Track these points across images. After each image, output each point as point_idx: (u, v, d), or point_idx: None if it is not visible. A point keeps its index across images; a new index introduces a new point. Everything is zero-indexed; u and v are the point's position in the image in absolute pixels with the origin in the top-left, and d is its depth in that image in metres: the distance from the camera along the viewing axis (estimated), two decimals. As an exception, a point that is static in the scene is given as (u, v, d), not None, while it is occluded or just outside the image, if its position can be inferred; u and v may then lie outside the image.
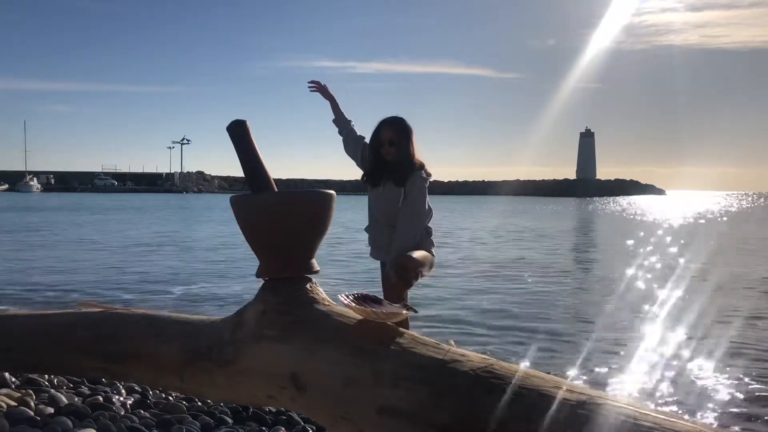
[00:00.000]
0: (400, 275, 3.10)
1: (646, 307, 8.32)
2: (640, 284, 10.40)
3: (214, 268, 12.24)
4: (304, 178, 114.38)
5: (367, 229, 3.51)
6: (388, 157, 3.29)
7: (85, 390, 3.55)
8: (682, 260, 14.00)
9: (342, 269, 11.74)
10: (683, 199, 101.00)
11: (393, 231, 3.31)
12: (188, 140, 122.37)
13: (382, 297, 2.43)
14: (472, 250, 16.28)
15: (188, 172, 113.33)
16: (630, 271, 12.17)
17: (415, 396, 1.75)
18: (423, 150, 3.46)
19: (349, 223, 20.90)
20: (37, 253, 14.34)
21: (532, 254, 15.65)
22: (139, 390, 3.65)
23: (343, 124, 3.67)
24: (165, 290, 9.41)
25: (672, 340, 6.47)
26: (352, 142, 3.62)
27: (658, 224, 30.60)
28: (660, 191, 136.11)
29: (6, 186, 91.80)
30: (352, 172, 3.81)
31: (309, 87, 3.73)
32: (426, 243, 3.36)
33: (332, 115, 3.73)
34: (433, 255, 3.38)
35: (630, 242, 19.44)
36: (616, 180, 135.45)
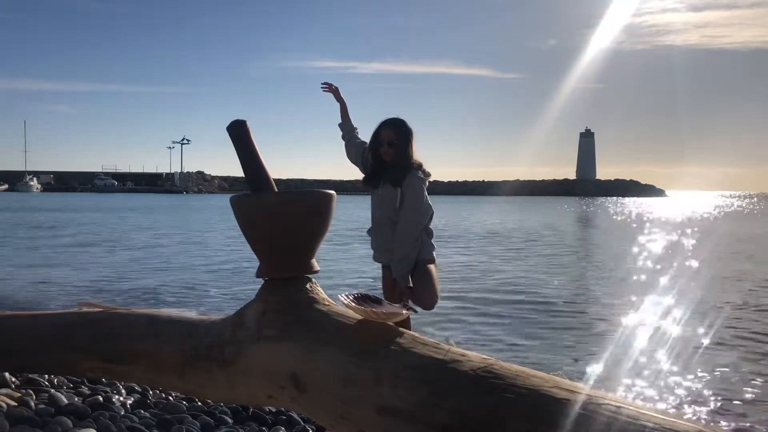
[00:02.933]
0: (429, 309, 3.34)
1: (647, 307, 8.32)
2: (641, 284, 10.40)
3: (213, 268, 12.24)
4: (304, 178, 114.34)
5: (369, 232, 3.50)
6: (386, 158, 3.30)
7: (85, 390, 3.55)
8: (681, 260, 14.01)
9: (342, 269, 11.73)
10: (683, 200, 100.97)
11: (395, 230, 3.30)
12: (188, 140, 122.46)
13: (382, 297, 2.43)
14: (471, 249, 16.29)
15: (188, 172, 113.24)
16: (630, 271, 12.18)
17: (415, 396, 1.75)
18: (423, 150, 3.47)
19: (348, 224, 20.89)
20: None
21: (530, 254, 15.65)
22: (139, 390, 3.65)
23: (348, 129, 3.70)
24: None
25: (672, 340, 6.47)
26: (354, 148, 3.65)
27: (657, 224, 30.59)
28: (660, 191, 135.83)
29: (6, 186, 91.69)
30: (352, 172, 3.81)
31: (322, 87, 3.76)
32: (428, 246, 3.35)
33: (339, 119, 3.77)
34: (434, 259, 3.38)
35: (629, 243, 19.45)
36: (616, 180, 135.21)
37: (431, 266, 3.33)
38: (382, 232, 3.37)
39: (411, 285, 3.37)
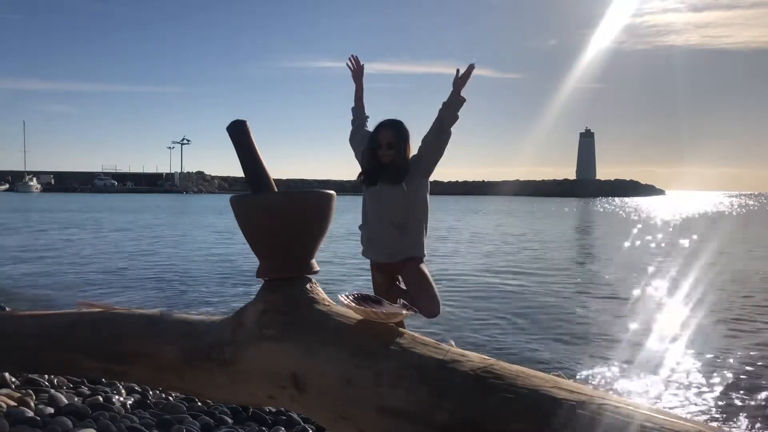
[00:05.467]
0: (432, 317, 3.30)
1: (647, 306, 8.32)
2: (641, 284, 10.39)
3: (213, 267, 12.24)
4: (304, 178, 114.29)
5: (360, 228, 3.50)
6: (384, 159, 3.29)
7: (85, 390, 3.55)
8: (681, 260, 14.01)
9: (341, 270, 11.74)
10: (683, 200, 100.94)
11: (394, 229, 3.30)
12: (188, 140, 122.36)
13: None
14: (470, 249, 16.28)
15: (188, 172, 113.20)
16: (630, 271, 12.18)
17: (415, 396, 1.75)
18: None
19: (348, 224, 20.89)
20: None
21: (531, 254, 15.65)
22: (139, 390, 3.65)
23: (359, 114, 3.67)
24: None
25: (672, 339, 6.47)
26: (359, 136, 3.62)
27: (657, 224, 30.60)
28: (660, 191, 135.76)
29: (6, 186, 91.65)
30: (352, 172, 3.75)
31: (349, 62, 3.69)
32: (421, 244, 3.36)
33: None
34: (424, 255, 3.39)
35: (629, 242, 19.46)
36: (616, 180, 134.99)
37: (425, 268, 3.32)
38: (374, 228, 3.37)
39: (405, 288, 3.36)
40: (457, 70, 3.31)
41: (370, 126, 3.55)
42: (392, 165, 3.28)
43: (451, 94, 3.31)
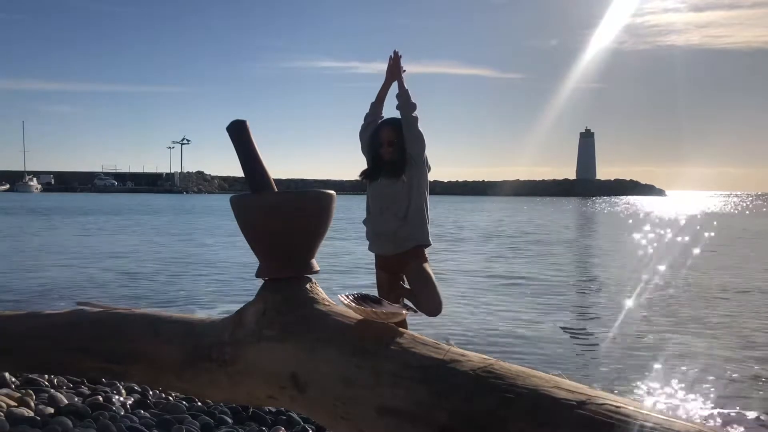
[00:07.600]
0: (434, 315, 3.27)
1: (648, 306, 8.32)
2: (642, 283, 10.39)
3: (212, 268, 12.24)
4: (304, 178, 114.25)
5: (365, 222, 3.55)
6: (386, 157, 3.38)
7: (85, 390, 3.56)
8: (681, 259, 14.01)
9: (341, 270, 11.74)
10: (683, 200, 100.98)
11: (397, 220, 3.34)
12: (188, 140, 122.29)
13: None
14: (470, 249, 16.29)
15: (188, 172, 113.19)
16: (631, 270, 12.18)
17: (415, 396, 1.75)
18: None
19: (348, 224, 20.91)
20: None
21: (532, 253, 15.65)
22: (139, 390, 3.65)
23: (374, 111, 3.69)
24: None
25: (672, 339, 6.47)
26: (370, 132, 3.63)
27: (658, 224, 30.62)
28: (660, 191, 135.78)
29: (7, 186, 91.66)
30: (351, 172, 3.74)
31: (392, 55, 3.65)
32: (425, 231, 3.39)
33: (378, 95, 3.68)
34: (430, 243, 3.41)
35: (631, 242, 19.47)
36: (615, 180, 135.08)
37: (428, 267, 3.34)
38: (379, 221, 3.42)
39: (409, 288, 3.38)
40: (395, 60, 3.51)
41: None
42: (391, 161, 3.36)
43: (398, 96, 3.44)
